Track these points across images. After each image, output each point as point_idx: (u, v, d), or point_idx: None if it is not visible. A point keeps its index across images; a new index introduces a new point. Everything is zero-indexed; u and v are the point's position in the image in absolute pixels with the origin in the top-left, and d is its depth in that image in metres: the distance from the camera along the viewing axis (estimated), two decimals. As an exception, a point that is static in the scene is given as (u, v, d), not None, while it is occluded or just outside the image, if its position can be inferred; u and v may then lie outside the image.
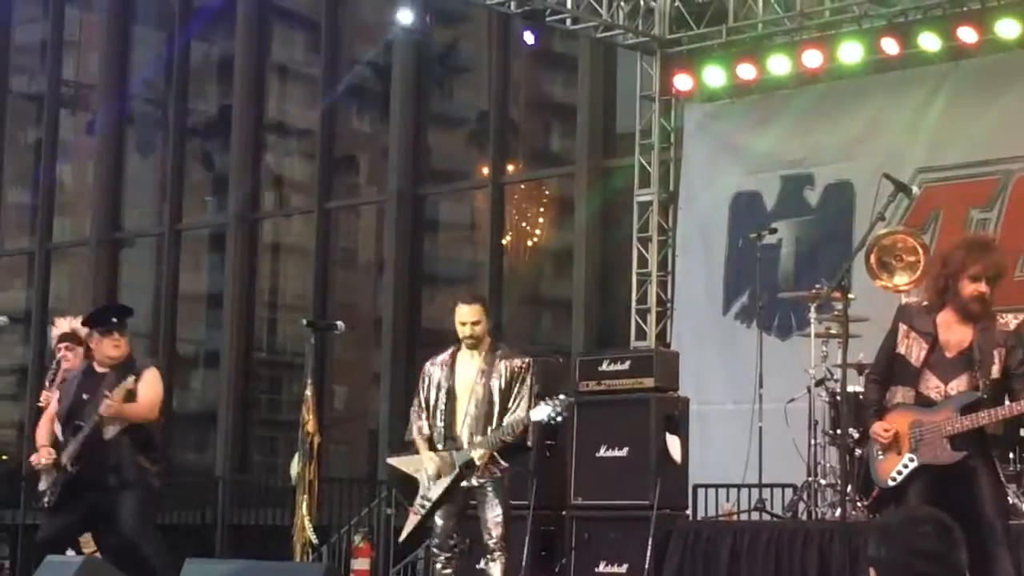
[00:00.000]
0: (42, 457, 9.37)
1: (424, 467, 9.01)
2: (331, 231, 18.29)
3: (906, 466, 7.23)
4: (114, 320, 9.51)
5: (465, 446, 8.90)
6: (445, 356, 9.22)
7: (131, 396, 9.22)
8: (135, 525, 9.20)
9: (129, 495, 9.20)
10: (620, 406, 10.73)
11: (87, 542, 9.82)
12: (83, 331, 10.02)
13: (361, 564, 13.43)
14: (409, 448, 9.26)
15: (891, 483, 7.28)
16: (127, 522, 9.19)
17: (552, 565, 10.72)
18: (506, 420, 8.88)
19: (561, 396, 8.97)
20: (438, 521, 8.99)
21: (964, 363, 7.23)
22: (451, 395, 9.05)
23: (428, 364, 9.29)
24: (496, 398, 8.94)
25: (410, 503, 9.32)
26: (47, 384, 10.30)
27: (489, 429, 8.90)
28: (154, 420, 9.45)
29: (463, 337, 9.08)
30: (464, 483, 8.93)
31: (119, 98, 20.40)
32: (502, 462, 8.93)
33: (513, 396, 8.93)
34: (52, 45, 21.32)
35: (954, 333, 7.29)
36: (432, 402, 9.11)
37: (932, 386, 7.26)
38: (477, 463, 8.86)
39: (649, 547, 10.26)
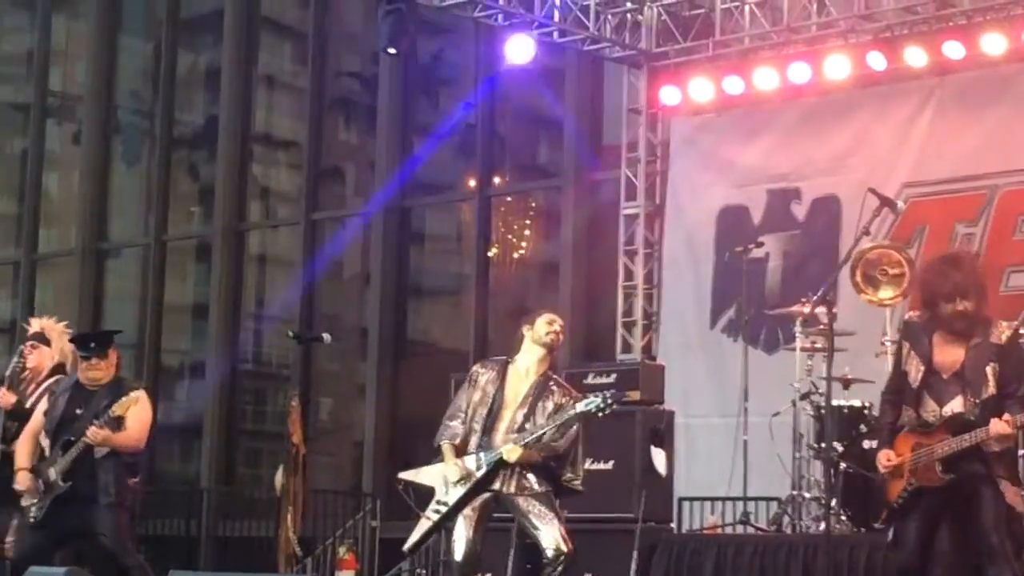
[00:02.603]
0: (22, 482, 9.35)
1: (444, 472, 8.58)
2: (317, 242, 18.28)
3: (907, 490, 7.28)
4: (92, 346, 9.49)
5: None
6: (498, 363, 8.83)
7: (119, 421, 9.22)
8: (115, 540, 9.20)
9: (109, 512, 9.20)
10: (605, 419, 10.71)
11: None
12: (55, 333, 10.01)
13: (346, 576, 13.44)
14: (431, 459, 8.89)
15: (896, 505, 7.33)
16: (107, 537, 9.19)
17: (537, 578, 10.71)
18: (545, 418, 8.53)
19: (612, 390, 8.76)
20: (461, 533, 8.54)
21: (958, 384, 7.27)
22: (498, 402, 8.65)
23: (478, 366, 8.90)
24: (540, 419, 8.56)
25: (423, 511, 8.76)
26: (5, 382, 10.17)
27: (527, 427, 8.53)
28: (140, 448, 9.45)
29: (547, 333, 8.67)
30: (491, 489, 8.52)
31: (105, 108, 20.39)
32: (535, 478, 8.55)
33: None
34: (38, 55, 21.29)
35: (947, 354, 7.33)
36: (475, 405, 8.69)
37: (929, 409, 7.32)
38: (508, 460, 8.44)
39: (634, 560, 10.28)
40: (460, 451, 8.67)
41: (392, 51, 13.21)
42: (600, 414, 8.61)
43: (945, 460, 7.19)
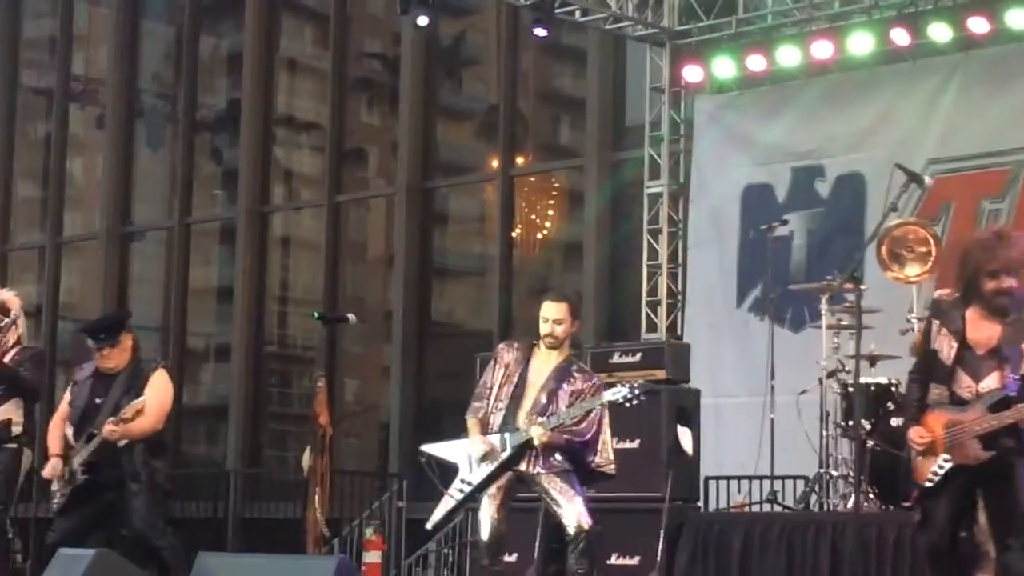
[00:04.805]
0: (50, 470, 9.36)
1: (469, 450, 8.56)
2: (341, 224, 18.27)
3: (941, 467, 7.19)
4: (102, 336, 9.45)
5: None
6: (524, 344, 8.80)
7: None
8: (146, 522, 9.23)
9: (140, 495, 9.22)
10: (631, 397, 10.69)
11: None
12: (12, 303, 9.86)
13: (373, 557, 13.41)
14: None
15: (928, 484, 7.24)
16: (138, 520, 9.22)
17: (564, 557, 10.69)
18: (567, 403, 8.48)
19: (639, 380, 8.65)
20: (486, 513, 8.53)
21: (994, 360, 7.17)
22: (522, 383, 8.62)
23: (504, 345, 8.90)
24: (563, 403, 8.54)
25: (445, 488, 8.71)
26: None
27: (551, 409, 8.48)
28: (160, 428, 9.43)
29: (543, 335, 8.64)
30: (515, 468, 8.47)
31: (128, 92, 20.40)
32: (561, 457, 8.51)
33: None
34: (61, 40, 21.31)
35: (983, 330, 7.21)
36: (499, 385, 8.67)
37: (964, 385, 7.21)
38: (536, 443, 8.42)
39: (661, 539, 10.25)
40: (484, 428, 8.66)
41: (422, 22, 13.18)
42: (627, 404, 8.58)
43: (984, 437, 7.11)
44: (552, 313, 8.68)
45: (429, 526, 9.06)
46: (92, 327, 9.87)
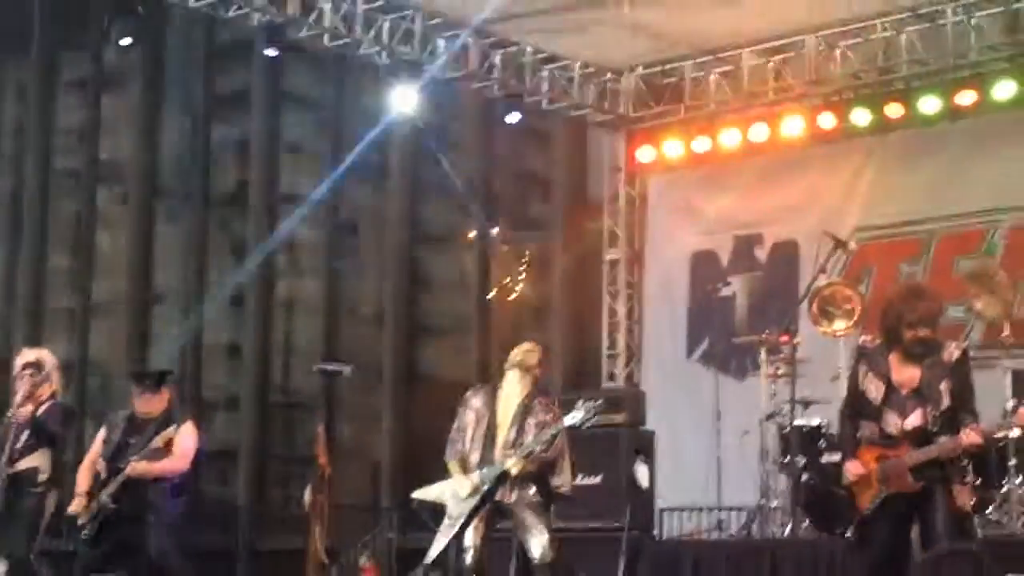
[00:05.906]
0: (75, 506, 9.33)
1: (453, 489, 8.55)
2: (338, 288, 18.27)
3: (877, 496, 7.20)
4: (146, 382, 9.48)
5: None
6: (487, 388, 8.82)
7: (167, 447, 9.22)
8: (163, 553, 9.20)
9: (158, 529, 9.19)
10: (594, 439, 10.66)
11: None
12: (48, 362, 9.79)
13: (367, 582, 13.36)
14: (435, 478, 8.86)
15: (867, 512, 7.24)
16: (155, 551, 9.19)
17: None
18: (534, 434, 8.46)
19: (592, 401, 8.53)
20: (469, 542, 8.49)
21: (916, 399, 7.20)
22: (492, 423, 8.60)
23: (470, 392, 8.87)
24: (530, 435, 8.52)
25: (438, 526, 8.70)
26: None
27: (520, 442, 8.47)
28: (183, 471, 9.42)
29: (516, 362, 8.66)
30: (495, 499, 8.46)
31: (150, 174, 20.40)
32: (533, 489, 8.49)
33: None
34: (90, 128, 21.31)
35: (904, 373, 7.25)
36: (471, 428, 8.66)
37: (892, 422, 7.22)
38: (513, 473, 8.40)
39: (621, 565, 10.23)
40: (465, 468, 8.65)
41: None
42: (584, 425, 8.55)
43: (913, 469, 7.13)
44: (526, 345, 8.81)
45: (427, 561, 8.96)
46: (139, 373, 9.93)
